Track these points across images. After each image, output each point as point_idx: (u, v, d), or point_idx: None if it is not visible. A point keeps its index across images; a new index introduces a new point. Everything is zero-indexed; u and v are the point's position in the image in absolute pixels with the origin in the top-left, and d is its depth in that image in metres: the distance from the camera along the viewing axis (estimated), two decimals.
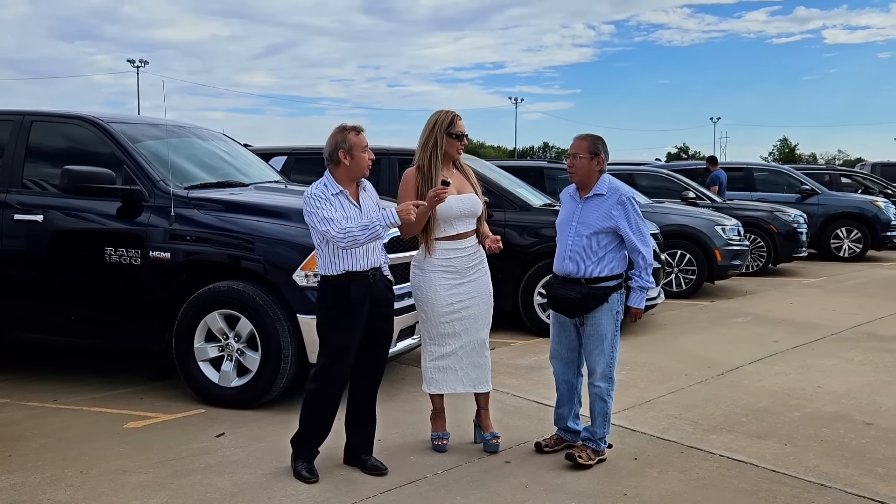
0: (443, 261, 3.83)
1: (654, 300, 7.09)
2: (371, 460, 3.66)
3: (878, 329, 7.18)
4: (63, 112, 5.28)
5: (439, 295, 3.82)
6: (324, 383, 3.56)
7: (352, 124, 3.59)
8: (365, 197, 3.65)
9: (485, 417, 3.99)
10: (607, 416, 3.76)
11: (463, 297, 3.84)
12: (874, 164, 19.66)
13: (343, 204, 3.52)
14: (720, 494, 3.42)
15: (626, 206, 3.69)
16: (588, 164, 3.73)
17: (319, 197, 3.47)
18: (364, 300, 3.54)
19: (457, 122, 3.85)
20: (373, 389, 3.75)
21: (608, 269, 3.72)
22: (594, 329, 3.73)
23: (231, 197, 4.83)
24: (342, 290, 3.51)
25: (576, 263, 3.73)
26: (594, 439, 3.76)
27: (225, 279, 4.53)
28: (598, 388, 3.74)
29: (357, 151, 3.53)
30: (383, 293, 3.67)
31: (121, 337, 4.97)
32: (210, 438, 4.04)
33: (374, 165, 3.72)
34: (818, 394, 5.01)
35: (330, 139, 3.57)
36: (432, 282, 3.83)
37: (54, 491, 3.38)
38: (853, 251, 13.25)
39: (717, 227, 9.22)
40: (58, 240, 4.89)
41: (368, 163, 3.58)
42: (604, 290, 3.70)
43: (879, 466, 3.77)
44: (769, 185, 13.87)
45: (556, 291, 3.82)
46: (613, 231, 3.70)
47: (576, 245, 3.73)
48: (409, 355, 5.57)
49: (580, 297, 3.70)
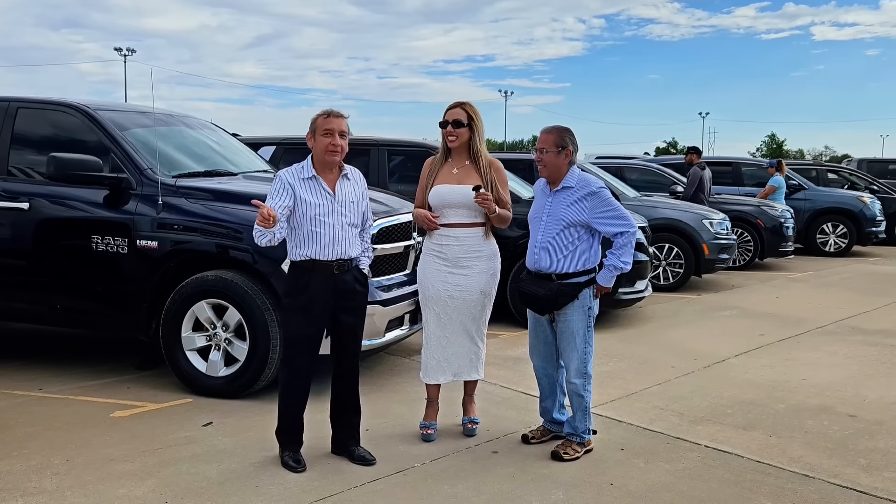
0: (436, 245, 3.87)
1: (641, 293, 7.12)
2: (358, 450, 3.66)
3: (862, 323, 7.25)
4: (49, 99, 5.22)
5: (429, 279, 3.87)
6: (288, 373, 3.56)
7: (329, 109, 3.53)
8: (346, 186, 3.57)
9: (468, 402, 4.07)
10: (586, 410, 3.76)
11: (450, 288, 3.83)
12: (860, 160, 19.79)
13: (313, 189, 3.48)
14: (705, 484, 3.45)
15: (597, 197, 3.63)
16: (556, 157, 3.67)
17: (282, 179, 3.48)
18: (325, 291, 3.49)
19: (447, 112, 3.86)
20: (352, 383, 3.72)
21: (579, 264, 3.67)
22: (566, 326, 3.70)
23: (219, 186, 4.80)
24: (303, 278, 3.48)
25: (546, 258, 3.68)
26: (577, 433, 3.76)
27: (213, 268, 4.51)
28: (574, 384, 3.73)
29: (318, 134, 3.48)
30: (350, 286, 3.57)
31: (107, 326, 4.93)
32: (197, 428, 4.03)
33: (363, 156, 3.71)
34: (803, 386, 5.06)
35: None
36: (426, 264, 3.90)
37: (40, 479, 3.36)
38: (839, 246, 13.36)
39: (704, 221, 9.27)
40: (43, 228, 4.84)
41: (330, 147, 3.46)
42: (573, 287, 3.66)
43: (862, 457, 3.81)
44: (757, 179, 13.95)
45: (526, 288, 3.77)
46: (584, 224, 3.65)
47: (546, 239, 3.68)
48: (397, 346, 5.57)
49: (549, 295, 3.66)
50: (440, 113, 3.89)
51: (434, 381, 3.95)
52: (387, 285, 4.72)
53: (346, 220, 3.53)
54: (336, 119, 3.49)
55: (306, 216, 3.46)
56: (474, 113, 3.85)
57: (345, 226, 3.52)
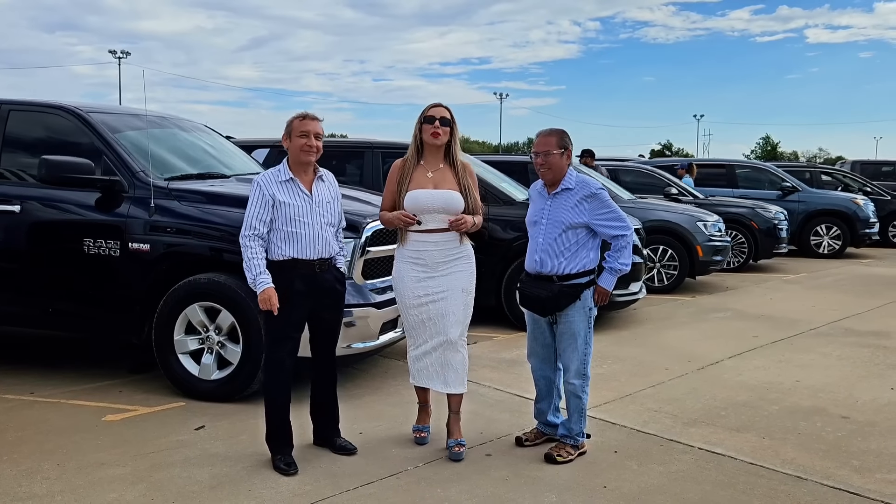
0: (412, 252, 3.76)
1: (635, 295, 7.13)
2: (339, 440, 3.75)
3: (855, 325, 7.27)
4: (42, 101, 5.20)
5: (407, 287, 3.77)
6: (270, 371, 3.60)
7: (304, 112, 3.62)
8: (322, 187, 3.65)
9: (453, 423, 3.81)
10: (583, 412, 3.76)
11: (430, 292, 3.74)
12: (854, 162, 19.87)
13: (291, 191, 3.55)
14: (699, 487, 3.45)
15: (597, 198, 3.63)
16: (559, 159, 3.66)
17: (260, 185, 3.53)
18: (308, 290, 3.56)
19: (431, 109, 3.74)
20: (331, 378, 3.80)
21: (580, 266, 3.67)
22: (567, 327, 3.70)
23: (213, 188, 4.79)
24: (286, 277, 3.52)
25: (547, 260, 3.68)
26: (571, 435, 3.76)
27: (206, 271, 4.49)
28: (573, 385, 3.73)
29: (294, 136, 3.56)
30: (330, 284, 3.66)
31: (99, 330, 4.91)
32: (189, 431, 4.01)
33: (357, 158, 3.72)
34: (796, 388, 5.07)
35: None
36: (402, 273, 3.79)
37: (30, 484, 3.34)
38: (833, 248, 13.39)
39: (699, 223, 9.28)
40: (35, 231, 4.82)
41: (305, 148, 3.53)
42: (575, 288, 3.66)
43: (855, 459, 3.82)
44: (751, 181, 13.99)
45: (528, 290, 3.76)
46: (585, 226, 3.65)
47: (547, 242, 3.67)
48: (391, 349, 5.56)
49: (552, 296, 3.66)
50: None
51: (423, 384, 3.89)
52: (380, 288, 4.71)
53: (325, 220, 3.62)
54: (311, 121, 3.59)
55: (286, 217, 3.53)
56: (454, 116, 3.80)
57: (323, 225, 3.61)
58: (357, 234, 4.51)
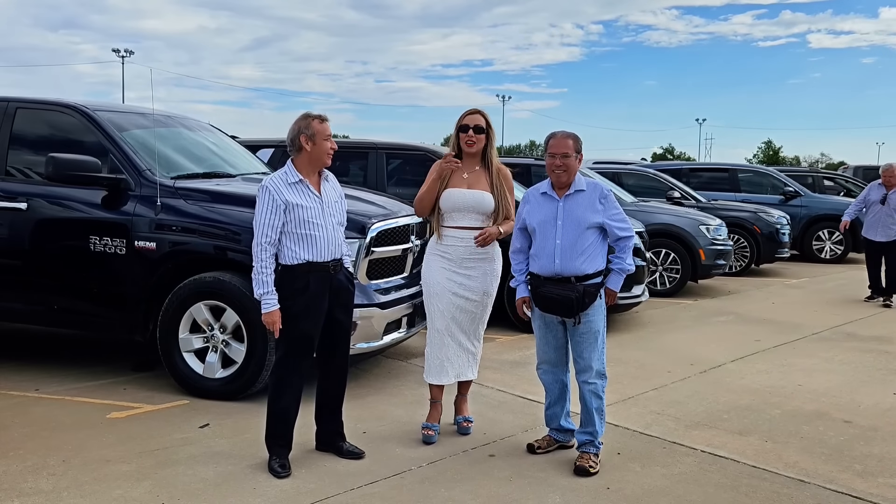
0: (441, 246, 3.99)
1: (638, 298, 7.14)
2: (346, 445, 3.72)
3: (857, 329, 7.27)
4: (48, 99, 5.22)
5: (433, 278, 3.97)
6: (285, 373, 3.55)
7: (317, 113, 3.61)
8: (328, 187, 3.66)
9: (461, 402, 4.14)
10: (603, 413, 3.74)
11: (454, 286, 3.93)
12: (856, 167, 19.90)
13: (302, 193, 3.52)
14: (701, 489, 3.46)
15: (608, 199, 3.71)
16: (575, 162, 3.70)
17: (270, 190, 3.45)
18: (324, 291, 3.55)
19: (466, 116, 3.98)
20: (342, 379, 3.76)
21: (596, 265, 3.70)
22: (588, 326, 3.68)
23: (218, 187, 4.81)
24: (302, 281, 3.50)
25: (567, 262, 3.65)
26: (594, 440, 3.70)
27: (211, 270, 4.51)
28: (594, 384, 3.70)
29: (319, 139, 3.54)
30: (343, 284, 3.67)
31: (104, 327, 4.91)
32: (194, 429, 4.02)
33: (361, 159, 3.75)
34: (799, 392, 5.08)
35: (293, 125, 3.57)
36: (430, 263, 4.01)
37: (36, 480, 3.36)
38: (835, 253, 13.40)
39: (701, 226, 9.29)
40: (41, 228, 4.83)
41: (330, 151, 3.58)
42: (595, 287, 3.68)
43: (857, 463, 3.83)
44: (753, 186, 14.00)
45: (551, 293, 3.68)
46: (599, 226, 3.69)
47: (566, 243, 3.66)
48: (395, 349, 5.58)
49: (579, 296, 3.62)
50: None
51: (438, 381, 3.99)
52: (385, 288, 4.72)
53: (336, 220, 3.63)
54: (328, 123, 3.61)
55: (300, 219, 3.48)
56: (490, 120, 4.02)
57: (335, 225, 3.61)
58: (362, 235, 4.53)
